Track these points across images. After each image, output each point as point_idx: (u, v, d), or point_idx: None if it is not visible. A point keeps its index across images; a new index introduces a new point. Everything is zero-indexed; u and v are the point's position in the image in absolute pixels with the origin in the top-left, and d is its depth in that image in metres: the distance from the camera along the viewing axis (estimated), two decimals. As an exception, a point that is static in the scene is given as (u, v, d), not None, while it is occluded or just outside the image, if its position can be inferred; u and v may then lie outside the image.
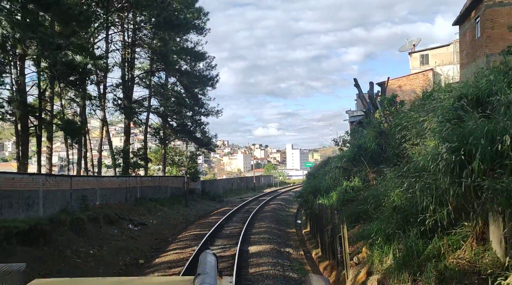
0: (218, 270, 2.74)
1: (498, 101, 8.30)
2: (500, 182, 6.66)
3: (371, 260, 10.89)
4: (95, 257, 15.75)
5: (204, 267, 2.67)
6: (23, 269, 2.87)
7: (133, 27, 32.78)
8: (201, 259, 2.88)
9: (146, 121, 36.94)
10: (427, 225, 8.04)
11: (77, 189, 23.45)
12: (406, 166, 9.92)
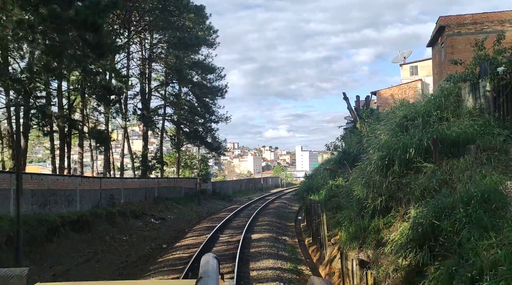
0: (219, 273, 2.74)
1: (415, 121, 11.91)
2: (407, 180, 10.26)
3: (341, 239, 14.51)
4: (128, 243, 19.54)
5: (206, 270, 2.66)
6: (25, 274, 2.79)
7: (150, 45, 36.78)
8: (203, 262, 2.85)
9: (161, 128, 40.95)
10: (368, 209, 11.64)
11: (106, 189, 27.34)
12: (362, 167, 13.53)
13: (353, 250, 11.98)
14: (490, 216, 7.24)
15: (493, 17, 20.80)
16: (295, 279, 12.90)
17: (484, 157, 9.84)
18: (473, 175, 9.01)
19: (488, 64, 12.22)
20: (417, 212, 8.83)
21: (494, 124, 11.15)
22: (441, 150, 10.59)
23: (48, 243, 15.22)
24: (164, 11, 31.79)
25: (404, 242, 8.72)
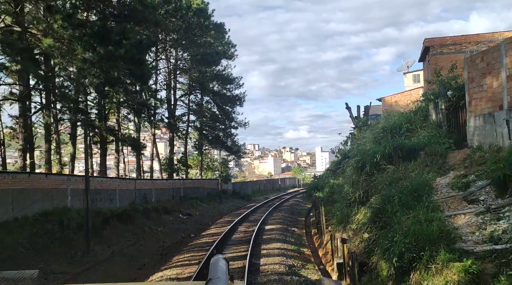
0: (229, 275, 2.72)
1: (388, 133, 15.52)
2: (374, 178, 13.88)
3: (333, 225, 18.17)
4: (162, 232, 23.54)
5: (215, 271, 2.63)
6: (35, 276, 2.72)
7: (175, 60, 41.01)
8: (212, 264, 2.82)
9: (186, 134, 45.12)
10: (350, 201, 15.28)
11: (139, 189, 31.52)
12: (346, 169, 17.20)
13: (339, 232, 15.61)
14: (414, 201, 10.84)
15: (470, 39, 24.05)
16: (295, 256, 16.62)
17: (428, 160, 13.42)
18: (417, 174, 12.61)
19: (443, 88, 15.75)
20: (373, 200, 12.48)
21: (443, 135, 14.70)
22: (400, 155, 14.21)
23: (103, 230, 19.29)
24: (188, 30, 35.96)
25: (365, 221, 12.37)
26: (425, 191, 11.26)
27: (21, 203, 18.11)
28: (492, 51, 12.57)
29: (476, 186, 10.85)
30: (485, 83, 12.74)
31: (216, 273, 2.60)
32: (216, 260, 2.87)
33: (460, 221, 9.89)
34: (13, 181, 18.37)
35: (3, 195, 17.27)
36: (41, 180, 20.53)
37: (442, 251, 8.24)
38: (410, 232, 9.27)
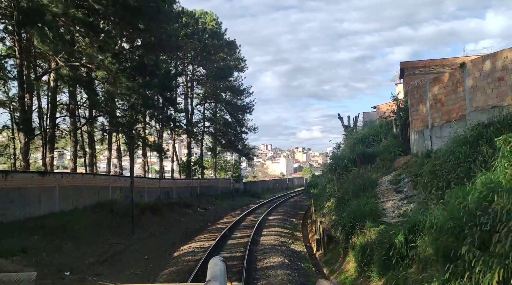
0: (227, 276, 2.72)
1: (358, 141, 20.52)
2: (343, 177, 18.92)
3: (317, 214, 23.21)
4: (184, 222, 28.74)
5: (213, 273, 2.65)
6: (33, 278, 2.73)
7: (192, 75, 46.48)
8: (211, 266, 2.82)
9: (201, 139, 50.57)
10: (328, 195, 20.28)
11: (163, 187, 36.90)
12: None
13: (319, 217, 20.64)
14: (362, 192, 15.84)
15: (437, 62, 28.78)
16: (288, 236, 21.68)
17: (381, 164, 18.41)
18: (369, 173, 17.61)
19: (398, 109, 20.72)
20: (339, 193, 17.53)
21: (397, 145, 19.64)
22: (362, 160, 19.22)
23: (140, 218, 24.58)
24: (204, 50, 41.31)
25: (332, 208, 17.41)
26: (371, 186, 16.28)
27: (78, 197, 23.49)
28: (422, 87, 17.56)
29: (403, 182, 15.83)
30: (419, 108, 17.71)
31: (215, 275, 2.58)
32: (214, 262, 2.80)
33: (388, 204, 14.90)
34: (72, 180, 23.79)
35: (66, 191, 22.66)
36: (91, 179, 25.96)
37: (368, 222, 13.26)
38: (352, 212, 14.33)
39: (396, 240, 9.71)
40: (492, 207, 6.41)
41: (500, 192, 6.55)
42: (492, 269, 5.53)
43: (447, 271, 6.47)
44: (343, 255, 14.70)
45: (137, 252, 17.75)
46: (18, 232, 16.15)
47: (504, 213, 5.98)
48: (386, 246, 10.07)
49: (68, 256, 14.63)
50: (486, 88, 14.29)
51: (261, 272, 13.40)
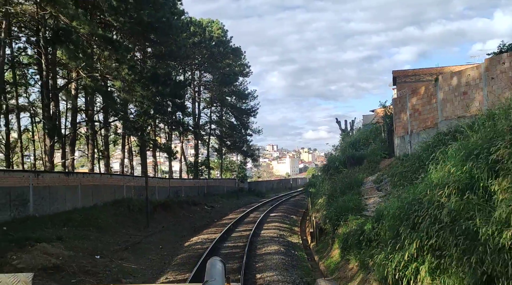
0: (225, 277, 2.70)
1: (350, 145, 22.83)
2: (334, 177, 21.21)
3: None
4: (192, 218, 31.17)
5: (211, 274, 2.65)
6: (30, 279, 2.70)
7: (199, 80, 48.99)
8: (209, 266, 2.81)
9: (208, 141, 53.07)
10: (322, 193, 22.59)
11: (172, 186, 39.35)
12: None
13: (314, 213, 22.97)
14: (349, 190, 18.15)
15: (425, 71, 30.99)
16: (287, 230, 24.01)
17: (367, 166, 20.72)
18: (356, 174, 19.92)
19: (385, 116, 23.01)
20: (329, 191, 19.86)
21: (384, 148, 21.94)
22: (352, 162, 21.54)
23: (154, 213, 27.03)
24: (210, 57, 43.79)
25: (323, 204, 19.73)
26: (357, 184, 18.60)
27: (97, 194, 25.94)
28: (403, 98, 19.87)
29: (384, 181, 18.14)
30: (400, 117, 20.01)
31: (213, 275, 2.59)
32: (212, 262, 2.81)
33: (370, 201, 17.20)
34: (92, 179, 26.27)
35: (86, 189, 25.12)
36: (108, 178, 28.45)
37: (350, 215, 15.56)
38: (339, 207, 16.66)
39: (365, 227, 12.04)
40: (423, 199, 8.77)
41: (431, 188, 8.88)
42: (413, 241, 7.90)
43: (389, 245, 8.85)
44: (331, 244, 17.03)
45: (153, 242, 20.17)
46: (51, 224, 18.62)
47: (427, 203, 8.33)
48: (359, 233, 12.41)
49: (95, 243, 17.06)
50: (454, 100, 16.62)
51: (259, 257, 15.76)
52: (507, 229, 5.96)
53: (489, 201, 7.00)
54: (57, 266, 12.65)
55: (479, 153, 8.03)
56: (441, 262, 7.21)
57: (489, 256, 6.03)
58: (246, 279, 12.38)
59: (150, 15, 26.22)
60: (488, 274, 5.95)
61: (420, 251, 7.88)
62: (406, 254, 8.09)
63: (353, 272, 12.72)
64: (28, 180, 20.07)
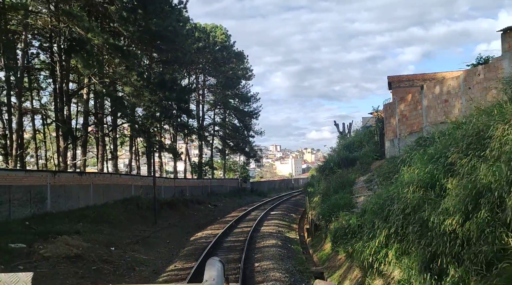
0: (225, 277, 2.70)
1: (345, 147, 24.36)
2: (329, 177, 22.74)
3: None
4: (197, 216, 32.78)
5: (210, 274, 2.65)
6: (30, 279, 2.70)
7: (203, 83, 50.70)
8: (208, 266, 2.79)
9: (212, 142, 54.75)
10: (318, 192, 24.14)
11: (177, 186, 40.98)
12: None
13: (311, 211, 24.51)
14: (342, 189, 19.69)
15: (419, 77, 32.45)
16: (285, 227, 25.56)
17: (360, 167, 22.26)
18: (349, 174, 21.46)
19: (378, 121, 24.55)
20: (324, 190, 21.40)
21: (376, 150, 23.47)
22: (346, 163, 23.08)
23: (160, 211, 28.65)
24: (214, 61, 45.47)
25: (318, 202, 21.28)
26: (349, 184, 20.15)
27: (107, 193, 27.57)
28: (392, 104, 21.41)
29: (374, 181, 19.69)
30: (390, 121, 21.55)
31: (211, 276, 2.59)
32: (211, 262, 2.81)
33: (360, 199, 18.71)
34: (102, 179, 27.91)
35: (98, 188, 26.75)
36: (117, 178, 30.09)
37: (341, 212, 17.11)
38: (331, 205, 18.22)
39: (351, 222, 13.61)
40: (394, 196, 10.34)
41: (401, 186, 10.44)
42: (383, 230, 9.48)
43: (366, 235, 10.43)
44: (324, 239, 18.59)
45: (160, 237, 21.80)
46: (67, 220, 20.26)
47: (396, 198, 9.90)
48: (346, 227, 13.98)
49: (109, 237, 18.68)
50: (436, 107, 18.17)
51: (258, 249, 17.34)
52: (448, 218, 7.54)
53: (442, 197, 8.58)
54: (79, 255, 14.26)
55: (439, 157, 9.62)
56: (403, 246, 8.79)
57: (435, 239, 7.61)
58: (246, 267, 13.94)
59: (158, 24, 27.82)
60: (432, 253, 7.53)
61: (388, 238, 9.45)
62: (377, 241, 9.68)
63: (341, 262, 14.30)
64: (46, 179, 21.72)
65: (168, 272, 13.79)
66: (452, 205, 7.72)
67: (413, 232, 8.34)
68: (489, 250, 6.75)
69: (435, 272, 7.43)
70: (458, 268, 7.12)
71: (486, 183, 7.40)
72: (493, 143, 8.13)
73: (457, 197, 7.76)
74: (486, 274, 6.70)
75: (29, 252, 13.88)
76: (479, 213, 7.17)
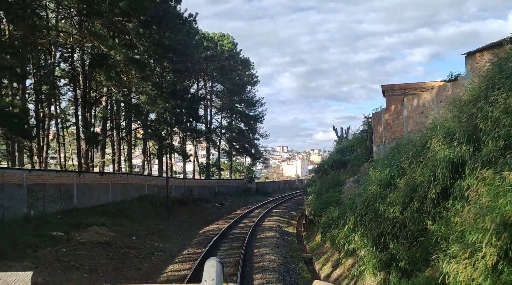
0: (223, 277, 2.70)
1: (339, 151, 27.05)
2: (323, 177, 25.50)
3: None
4: (204, 213, 35.62)
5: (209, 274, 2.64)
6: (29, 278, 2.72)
7: (211, 89, 53.72)
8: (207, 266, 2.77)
9: (219, 145, 57.74)
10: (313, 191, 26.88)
11: (187, 186, 43.88)
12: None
13: (307, 208, 27.23)
14: (333, 188, 22.41)
15: (411, 86, 35.06)
16: (285, 223, 28.31)
17: (350, 169, 24.96)
18: (341, 176, 24.18)
19: (367, 126, 27.21)
20: (317, 189, 24.14)
21: (367, 154, 26.13)
22: (338, 166, 25.79)
23: (171, 209, 31.55)
24: (221, 69, 48.42)
25: (312, 200, 24.04)
26: (339, 184, 22.87)
27: (124, 192, 30.50)
28: (379, 114, 24.11)
29: (361, 181, 22.38)
30: (377, 129, 24.25)
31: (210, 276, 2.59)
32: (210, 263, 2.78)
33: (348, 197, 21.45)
34: (120, 179, 30.85)
35: (116, 187, 29.68)
36: (133, 178, 33.04)
37: (330, 208, 19.86)
38: (322, 201, 20.97)
39: (334, 214, 16.37)
40: (361, 192, 13.10)
41: (368, 185, 13.19)
42: (351, 219, 12.26)
43: (340, 224, 13.21)
44: (316, 231, 21.33)
45: (173, 231, 24.66)
46: (92, 214, 23.15)
47: (363, 194, 12.66)
48: (330, 219, 16.74)
49: (129, 229, 21.55)
50: (415, 117, 20.86)
51: (258, 239, 20.13)
52: (392, 208, 10.30)
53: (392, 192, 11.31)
54: (107, 242, 17.13)
55: (395, 162, 12.37)
56: (362, 230, 11.56)
57: (382, 223, 10.37)
58: (247, 252, 16.73)
59: (170, 38, 30.76)
60: (380, 233, 10.29)
61: (355, 225, 12.21)
62: (346, 227, 12.46)
63: (327, 249, 17.04)
64: (72, 178, 24.67)
65: (182, 256, 16.64)
66: (395, 198, 10.49)
67: (369, 219, 11.11)
68: (415, 229, 9.53)
69: (380, 247, 10.21)
70: (395, 243, 9.89)
71: (419, 182, 10.13)
72: (429, 153, 10.88)
73: (399, 192, 10.53)
74: (411, 246, 9.48)
75: (68, 238, 16.75)
76: (412, 204, 9.93)
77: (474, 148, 9.14)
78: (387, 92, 36.94)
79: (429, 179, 9.63)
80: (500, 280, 6.18)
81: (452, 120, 11.18)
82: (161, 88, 29.48)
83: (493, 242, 6.30)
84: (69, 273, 13.02)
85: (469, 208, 7.47)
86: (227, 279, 3.06)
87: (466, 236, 7.08)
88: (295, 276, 13.45)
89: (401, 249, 9.51)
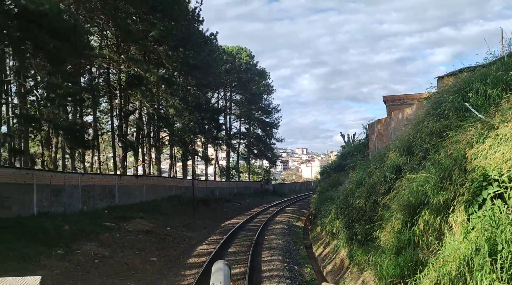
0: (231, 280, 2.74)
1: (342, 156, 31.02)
2: (327, 179, 29.50)
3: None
4: (226, 211, 39.92)
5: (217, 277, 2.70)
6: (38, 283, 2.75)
7: (230, 97, 58.32)
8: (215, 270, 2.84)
9: (238, 149, 62.26)
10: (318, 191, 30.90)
11: (209, 187, 48.36)
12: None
13: (312, 205, 31.24)
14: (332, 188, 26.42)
15: (408, 97, 38.65)
16: (295, 219, 32.38)
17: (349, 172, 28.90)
18: (340, 176, 28.15)
19: (365, 134, 31.14)
20: (320, 189, 28.16)
21: (362, 159, 30.06)
22: (339, 169, 29.78)
23: (196, 207, 36.00)
24: (239, 81, 52.93)
25: (316, 198, 28.06)
26: (338, 184, 26.89)
27: (155, 192, 35.03)
28: (373, 124, 28.09)
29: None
30: (372, 137, 28.19)
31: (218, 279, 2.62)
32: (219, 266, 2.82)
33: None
34: (152, 180, 35.44)
35: (148, 188, 34.26)
36: (162, 180, 37.62)
37: (329, 201, 23.95)
38: (323, 198, 25.04)
39: (327, 208, 20.46)
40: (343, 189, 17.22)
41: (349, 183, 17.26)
42: (332, 209, 16.41)
43: (328, 214, 17.37)
44: (317, 224, 25.42)
45: (199, 224, 29.03)
46: (131, 210, 27.73)
47: (344, 190, 16.78)
48: (325, 211, 20.83)
49: (163, 222, 25.99)
50: (400, 129, 24.74)
51: (269, 230, 24.32)
52: (358, 200, 14.40)
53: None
54: (149, 231, 21.58)
55: (366, 167, 16.45)
56: (342, 217, 15.67)
57: (351, 211, 14.48)
58: (259, 238, 20.94)
59: (194, 58, 35.26)
60: (350, 218, 14.40)
61: (336, 214, 16.33)
62: (330, 215, 16.59)
63: (323, 236, 21.12)
64: (115, 180, 29.31)
65: (208, 240, 20.98)
66: (361, 193, 14.59)
67: (344, 208, 15.24)
68: (371, 215, 13.62)
69: (349, 228, 14.31)
70: (359, 225, 13.99)
71: (376, 181, 14.19)
72: (387, 161, 14.92)
73: (364, 189, 14.63)
74: (369, 228, 13.57)
75: (118, 227, 21.24)
76: (370, 197, 14.01)
77: (409, 158, 13.20)
78: (387, 102, 40.77)
79: (381, 179, 13.70)
80: (401, 237, 10.26)
81: (405, 137, 15.26)
82: (187, 102, 33.96)
83: (398, 216, 10.42)
84: (126, 251, 17.45)
85: (397, 198, 11.56)
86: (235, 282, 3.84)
87: (391, 214, 11.14)
88: (294, 254, 17.58)
89: (360, 227, 13.61)
